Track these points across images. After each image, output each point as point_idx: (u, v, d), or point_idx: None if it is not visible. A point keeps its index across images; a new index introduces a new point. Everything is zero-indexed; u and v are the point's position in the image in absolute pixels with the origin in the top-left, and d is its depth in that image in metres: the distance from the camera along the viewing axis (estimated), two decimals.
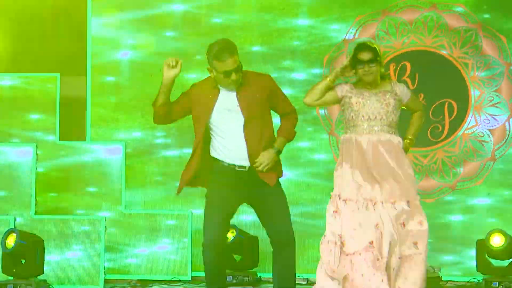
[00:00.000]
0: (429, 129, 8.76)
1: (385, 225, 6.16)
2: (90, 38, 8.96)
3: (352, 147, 6.30)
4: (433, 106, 8.77)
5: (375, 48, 6.26)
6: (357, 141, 6.28)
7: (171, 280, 8.63)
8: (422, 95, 8.57)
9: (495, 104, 8.76)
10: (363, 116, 6.27)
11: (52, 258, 8.27)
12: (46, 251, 7.95)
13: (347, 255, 6.15)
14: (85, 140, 8.91)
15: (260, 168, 5.96)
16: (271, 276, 6.19)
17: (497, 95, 8.75)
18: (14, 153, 8.59)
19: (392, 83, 6.39)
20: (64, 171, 8.79)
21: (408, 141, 6.38)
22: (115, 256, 8.74)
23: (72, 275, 8.38)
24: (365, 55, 6.21)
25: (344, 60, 6.33)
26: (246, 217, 8.72)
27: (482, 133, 8.77)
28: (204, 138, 6.05)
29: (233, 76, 5.90)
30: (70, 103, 9.14)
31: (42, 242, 7.92)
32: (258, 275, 8.62)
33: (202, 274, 7.88)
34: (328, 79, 6.30)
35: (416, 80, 8.76)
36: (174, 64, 5.93)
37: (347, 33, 8.87)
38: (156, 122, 6.26)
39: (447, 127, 8.79)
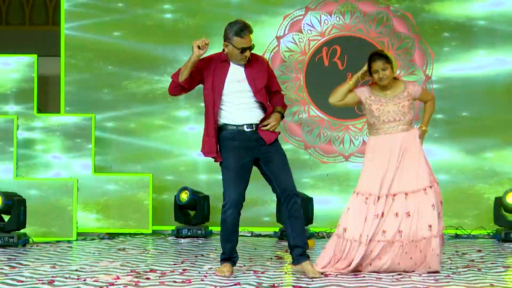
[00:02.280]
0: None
1: (400, 213, 6.52)
2: None
3: (375, 147, 6.70)
4: (360, 83, 9.02)
5: (386, 56, 6.63)
6: (380, 142, 6.67)
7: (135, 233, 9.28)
8: (350, 74, 8.74)
9: (412, 72, 9.46)
10: (383, 120, 6.63)
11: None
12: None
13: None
14: None
15: (269, 128, 6.36)
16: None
17: (412, 64, 9.46)
18: None
19: (405, 84, 6.79)
20: None
21: (423, 129, 6.76)
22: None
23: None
24: (379, 64, 6.60)
25: (364, 66, 6.67)
26: (201, 177, 9.61)
27: None
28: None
29: (247, 53, 6.32)
30: None
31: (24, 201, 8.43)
32: (209, 229, 9.23)
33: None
34: (349, 83, 6.71)
35: (345, 61, 9.46)
36: (203, 45, 6.24)
37: (277, 31, 9.60)
38: (172, 94, 6.51)
39: None
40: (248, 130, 6.39)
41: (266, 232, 9.37)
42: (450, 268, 6.77)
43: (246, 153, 6.40)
